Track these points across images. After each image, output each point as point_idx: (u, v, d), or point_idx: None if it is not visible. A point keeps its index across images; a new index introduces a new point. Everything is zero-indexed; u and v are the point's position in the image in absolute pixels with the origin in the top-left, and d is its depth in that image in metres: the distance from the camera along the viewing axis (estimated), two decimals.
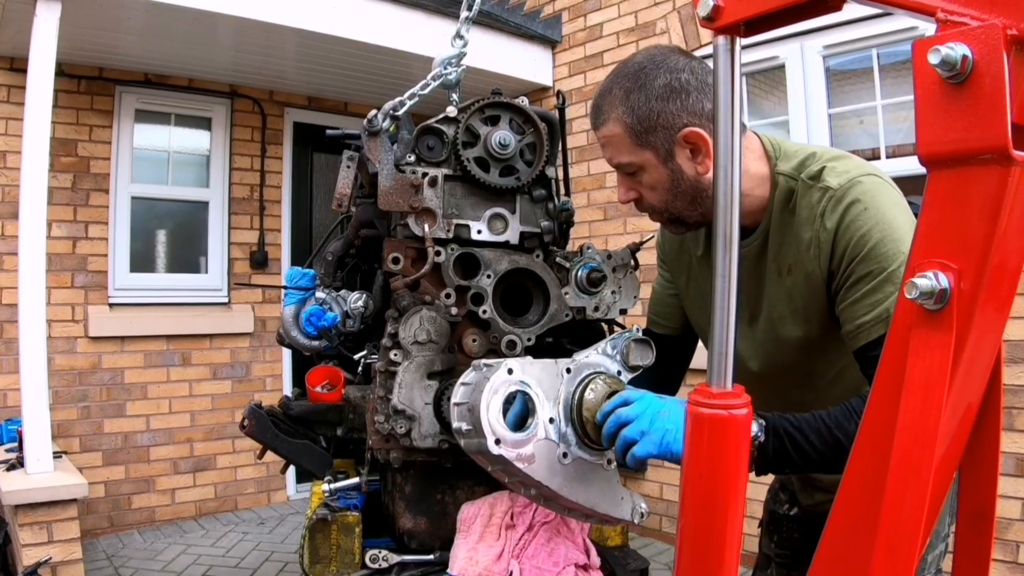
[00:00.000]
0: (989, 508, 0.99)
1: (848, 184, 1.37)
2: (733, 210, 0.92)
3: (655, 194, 1.48)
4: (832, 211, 1.37)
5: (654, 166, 1.44)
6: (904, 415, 0.79)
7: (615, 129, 1.44)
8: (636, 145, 1.43)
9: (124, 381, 5.02)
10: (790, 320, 1.50)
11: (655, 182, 1.46)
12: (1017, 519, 3.36)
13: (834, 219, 1.37)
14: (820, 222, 1.39)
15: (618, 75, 1.45)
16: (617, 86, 1.43)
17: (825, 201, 1.39)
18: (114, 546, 4.70)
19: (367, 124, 1.75)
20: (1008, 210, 0.76)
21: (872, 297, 1.33)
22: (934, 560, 1.61)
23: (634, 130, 1.42)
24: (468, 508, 1.78)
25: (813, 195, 1.41)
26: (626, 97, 1.41)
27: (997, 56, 0.71)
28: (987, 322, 0.82)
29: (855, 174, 1.38)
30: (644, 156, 1.44)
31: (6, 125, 4.55)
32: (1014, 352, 3.36)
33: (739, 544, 0.94)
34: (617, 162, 1.48)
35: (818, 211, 1.39)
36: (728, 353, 0.93)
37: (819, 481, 1.69)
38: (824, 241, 1.38)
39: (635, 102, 1.40)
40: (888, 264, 1.31)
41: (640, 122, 1.40)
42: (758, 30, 0.91)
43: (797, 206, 1.44)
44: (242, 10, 4.12)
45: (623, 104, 1.41)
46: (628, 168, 1.47)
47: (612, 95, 1.43)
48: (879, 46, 3.97)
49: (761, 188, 1.47)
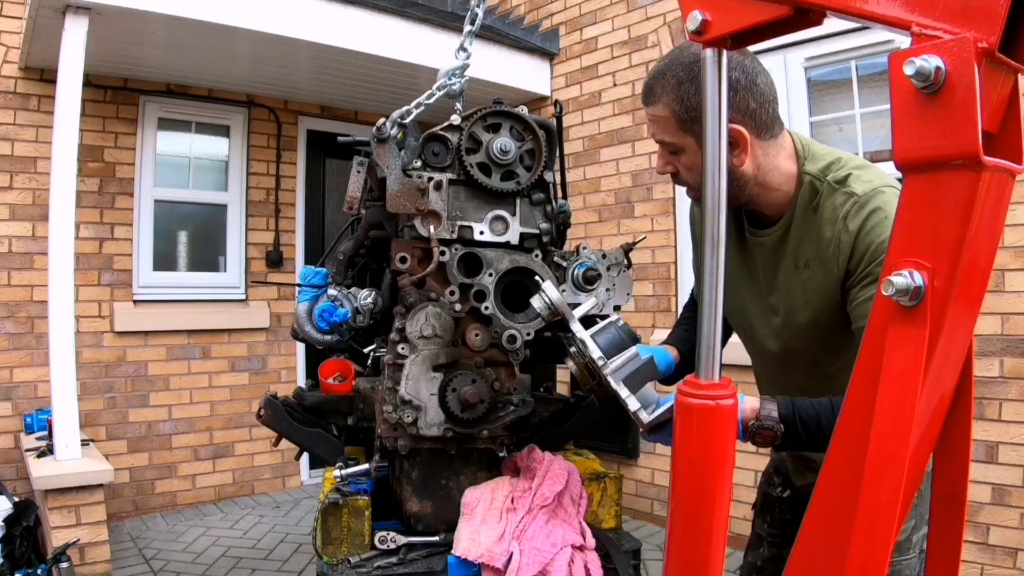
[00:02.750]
0: (961, 492, 0.99)
1: (872, 192, 1.39)
2: (720, 214, 0.92)
3: (691, 174, 1.51)
4: (855, 215, 1.39)
5: (694, 151, 1.46)
6: (881, 404, 0.80)
7: (663, 112, 1.46)
8: (680, 130, 1.45)
9: (148, 373, 5.02)
10: (801, 310, 1.52)
11: (692, 164, 1.48)
12: (987, 503, 3.36)
13: (856, 223, 1.38)
14: (843, 224, 1.40)
15: (673, 62, 1.45)
16: (671, 73, 1.44)
17: (849, 205, 1.40)
18: (138, 528, 4.70)
19: (376, 131, 1.75)
20: (979, 212, 0.76)
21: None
22: (918, 541, 1.61)
23: (680, 117, 1.44)
24: (471, 492, 1.78)
25: (838, 198, 1.43)
26: (678, 86, 1.42)
27: (968, 68, 0.71)
28: (959, 318, 0.83)
29: (878, 184, 1.40)
30: (686, 140, 1.46)
31: (37, 133, 4.55)
32: (984, 346, 3.36)
33: (726, 525, 0.94)
34: (660, 139, 1.51)
35: (841, 213, 1.41)
36: (715, 347, 0.93)
37: (813, 462, 1.70)
38: (845, 243, 1.40)
39: (685, 92, 1.41)
40: None
41: (687, 111, 1.42)
42: (743, 43, 0.92)
43: (821, 206, 1.45)
44: (259, 24, 4.12)
45: (674, 92, 1.43)
46: (670, 147, 1.50)
47: (665, 80, 1.45)
48: (858, 58, 3.97)
49: (788, 184, 1.49)
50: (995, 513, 3.34)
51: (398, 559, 1.71)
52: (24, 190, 4.54)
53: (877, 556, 0.80)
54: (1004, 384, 3.34)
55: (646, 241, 5.03)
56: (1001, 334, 3.35)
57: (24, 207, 4.54)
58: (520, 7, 5.84)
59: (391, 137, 1.75)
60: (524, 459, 1.83)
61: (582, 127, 5.31)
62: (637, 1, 4.95)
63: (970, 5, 0.72)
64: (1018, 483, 3.29)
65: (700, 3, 0.90)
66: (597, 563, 1.71)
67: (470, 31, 1.78)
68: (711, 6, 0.89)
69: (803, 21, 0.86)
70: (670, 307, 4.71)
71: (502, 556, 1.64)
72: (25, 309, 4.55)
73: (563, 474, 1.80)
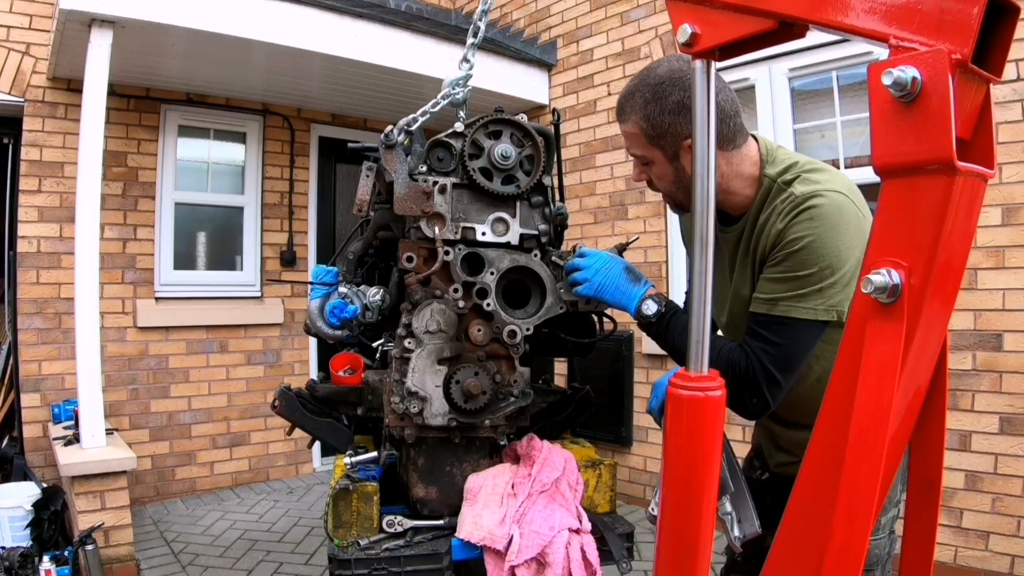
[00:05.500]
0: (936, 478, 0.99)
1: (809, 194, 1.40)
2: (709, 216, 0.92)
3: (662, 183, 1.57)
4: (788, 212, 1.42)
5: (662, 162, 1.52)
6: (861, 396, 0.80)
7: (633, 129, 1.52)
8: (649, 144, 1.51)
9: (168, 366, 5.02)
10: (740, 289, 1.58)
11: (662, 174, 1.55)
12: (961, 488, 3.36)
13: (786, 220, 1.42)
14: (777, 218, 1.44)
15: (641, 83, 1.50)
16: (639, 93, 1.49)
17: (787, 203, 1.43)
18: (159, 513, 4.70)
19: (384, 138, 1.74)
20: (953, 215, 0.76)
21: (774, 284, 1.42)
22: (887, 522, 1.62)
23: (648, 133, 1.49)
24: (474, 479, 1.78)
25: (781, 196, 1.46)
26: (644, 106, 1.48)
27: (943, 78, 0.71)
28: (934, 314, 0.83)
29: (821, 188, 1.41)
30: (654, 153, 1.52)
31: (64, 139, 4.54)
32: (958, 340, 3.36)
33: (714, 508, 0.95)
34: (633, 152, 1.57)
35: (780, 209, 1.44)
36: (704, 341, 0.93)
37: (779, 439, 1.71)
38: (773, 234, 1.44)
39: (651, 111, 1.47)
40: (800, 269, 1.39)
41: (653, 128, 1.47)
42: (731, 55, 0.92)
43: (770, 204, 1.48)
44: (274, 37, 4.12)
45: (642, 111, 1.48)
46: (642, 160, 1.56)
47: (634, 100, 1.50)
48: (839, 69, 3.96)
49: (751, 188, 1.53)
50: (968, 498, 3.35)
51: (405, 542, 1.71)
52: (52, 193, 4.54)
53: (857, 538, 0.80)
54: (976, 376, 3.34)
55: (639, 241, 5.05)
56: (974, 329, 3.35)
57: (52, 209, 4.54)
58: (520, 21, 5.83)
59: (398, 143, 1.75)
60: (524, 447, 1.83)
61: (578, 134, 5.30)
62: (630, 15, 4.94)
63: (944, 19, 0.72)
64: (990, 470, 3.30)
65: (690, 17, 0.90)
66: (593, 545, 1.71)
67: (473, 43, 1.78)
68: (700, 20, 0.89)
69: (787, 34, 0.86)
70: None
71: (503, 539, 1.64)
72: (53, 306, 4.56)
73: (560, 461, 1.80)
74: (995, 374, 3.29)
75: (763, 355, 1.41)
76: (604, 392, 4.85)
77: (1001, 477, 3.26)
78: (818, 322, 1.39)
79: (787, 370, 1.42)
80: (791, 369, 1.42)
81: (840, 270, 1.37)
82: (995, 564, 3.26)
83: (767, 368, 1.41)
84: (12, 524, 3.73)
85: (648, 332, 1.65)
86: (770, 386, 1.41)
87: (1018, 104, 3.22)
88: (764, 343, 1.42)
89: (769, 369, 1.41)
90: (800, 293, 1.39)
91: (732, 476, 1.48)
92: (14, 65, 4.40)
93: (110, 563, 3.61)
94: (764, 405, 1.44)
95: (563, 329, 1.89)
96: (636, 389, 4.90)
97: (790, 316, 1.40)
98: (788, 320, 1.40)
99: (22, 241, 4.48)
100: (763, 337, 1.43)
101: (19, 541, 3.69)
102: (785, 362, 1.41)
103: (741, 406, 1.47)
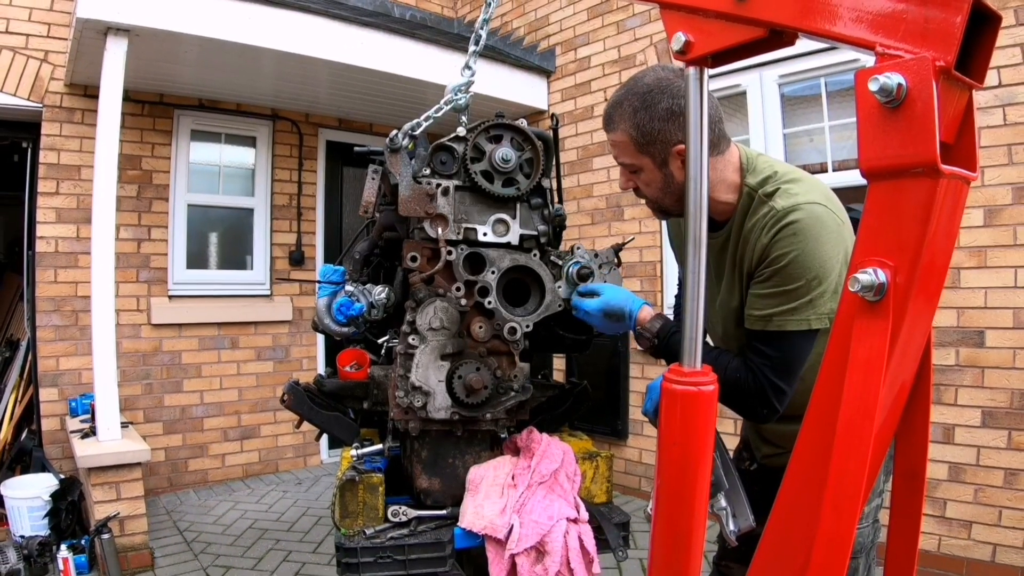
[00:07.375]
0: (921, 470, 0.99)
1: (791, 207, 1.40)
2: (702, 217, 0.92)
3: (649, 189, 1.55)
4: (771, 228, 1.41)
5: (651, 169, 1.50)
6: (848, 390, 0.80)
7: (622, 137, 1.50)
8: (637, 152, 1.49)
9: (181, 362, 5.02)
10: (728, 300, 1.57)
11: (650, 181, 1.52)
12: (944, 479, 3.36)
13: (769, 235, 1.41)
14: (761, 233, 1.43)
15: (629, 92, 1.48)
16: (627, 102, 1.47)
17: (769, 217, 1.42)
18: (173, 503, 4.71)
19: (389, 142, 1.74)
20: (937, 216, 0.76)
21: (765, 300, 1.42)
22: (871, 512, 1.62)
23: (637, 141, 1.47)
24: (476, 470, 1.78)
25: (763, 209, 1.44)
26: (633, 114, 1.46)
27: (927, 84, 0.71)
28: (919, 311, 0.83)
29: (801, 200, 1.40)
30: (643, 161, 1.50)
31: (80, 143, 4.54)
32: (942, 337, 3.36)
33: (707, 499, 0.95)
34: (621, 161, 1.55)
35: (762, 224, 1.43)
36: (697, 337, 0.93)
37: (764, 432, 1.71)
38: (759, 249, 1.43)
39: (640, 119, 1.45)
40: (788, 283, 1.38)
41: (642, 136, 1.46)
42: (723, 62, 0.92)
43: (752, 216, 1.47)
44: (282, 45, 4.11)
45: (631, 119, 1.46)
46: (630, 167, 1.54)
47: (622, 108, 1.48)
48: (827, 75, 3.96)
49: (732, 195, 1.52)
50: (951, 489, 3.35)
51: (409, 531, 1.71)
52: (69, 195, 4.54)
53: (844, 527, 0.80)
54: (959, 372, 3.34)
55: (634, 242, 5.06)
56: (957, 326, 3.35)
57: (69, 211, 4.54)
58: (520, 29, 5.83)
59: (403, 147, 1.75)
60: (523, 440, 1.83)
61: (576, 138, 5.30)
62: (626, 24, 4.94)
63: (929, 27, 0.72)
64: (972, 462, 3.30)
65: (684, 25, 0.90)
66: (590, 534, 1.71)
67: (474, 51, 1.78)
68: (694, 28, 0.89)
69: (777, 42, 0.86)
70: (656, 302, 4.71)
71: (503, 528, 1.64)
72: (70, 303, 4.56)
73: (559, 453, 1.80)
74: (977, 369, 3.29)
75: (766, 369, 1.43)
76: (601, 387, 4.86)
77: (983, 469, 3.26)
78: (812, 331, 1.40)
79: (789, 378, 1.44)
80: (793, 376, 1.44)
81: (827, 279, 1.37)
82: (977, 552, 3.26)
83: (771, 380, 1.43)
84: (31, 514, 3.74)
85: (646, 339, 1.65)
86: (777, 395, 1.44)
87: (999, 109, 3.22)
88: (765, 358, 1.44)
89: (773, 381, 1.43)
90: (791, 307, 1.39)
91: (726, 473, 1.48)
92: (33, 72, 4.40)
93: (125, 551, 3.62)
94: (773, 412, 1.46)
95: (561, 326, 1.89)
96: (631, 384, 4.90)
97: (785, 330, 1.41)
98: (784, 334, 1.41)
99: (40, 241, 4.48)
100: (763, 352, 1.44)
101: (38, 530, 3.70)
102: (786, 371, 1.43)
103: (753, 415, 1.50)
